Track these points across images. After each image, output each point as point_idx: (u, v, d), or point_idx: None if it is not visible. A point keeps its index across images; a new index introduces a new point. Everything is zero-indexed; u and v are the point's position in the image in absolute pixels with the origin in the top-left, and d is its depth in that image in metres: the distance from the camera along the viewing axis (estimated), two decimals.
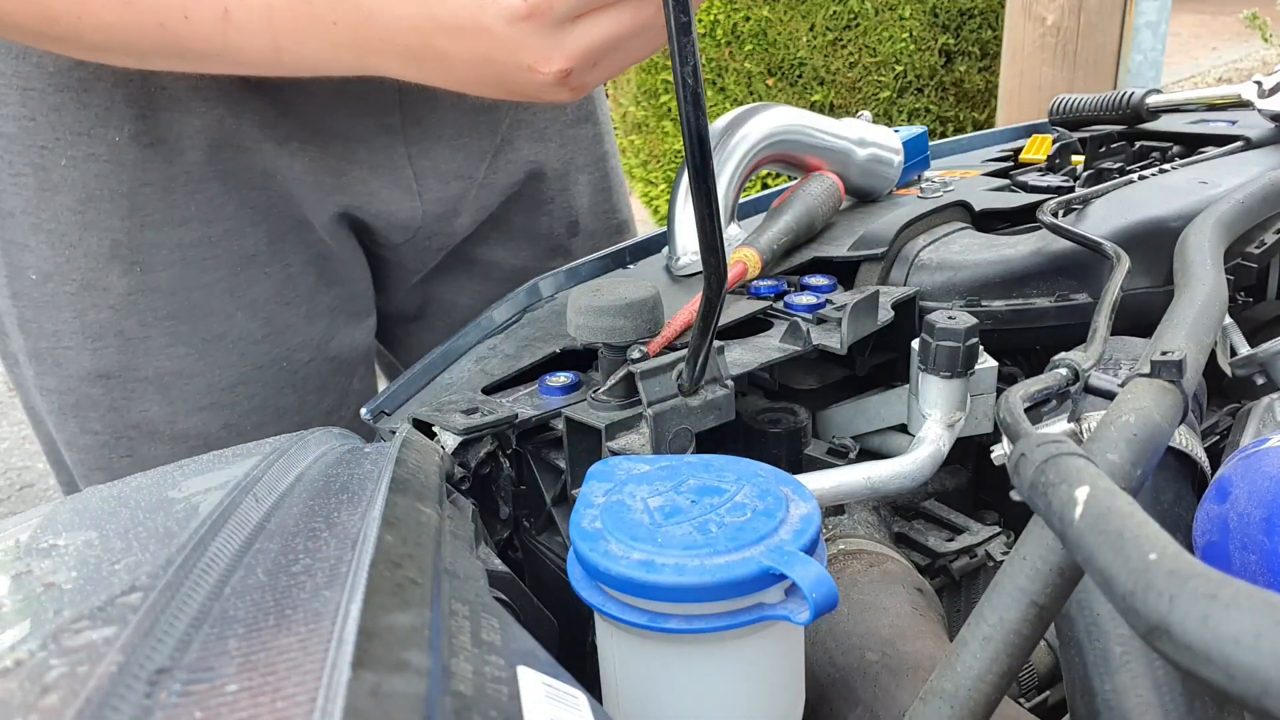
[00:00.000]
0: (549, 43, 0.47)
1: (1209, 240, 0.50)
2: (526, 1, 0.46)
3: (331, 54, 0.52)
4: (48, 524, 0.33)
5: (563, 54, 0.48)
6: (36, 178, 0.64)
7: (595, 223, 0.91)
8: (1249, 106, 0.81)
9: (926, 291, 0.60)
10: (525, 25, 0.47)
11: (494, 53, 0.48)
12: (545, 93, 0.51)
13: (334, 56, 0.52)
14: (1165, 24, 2.58)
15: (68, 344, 0.68)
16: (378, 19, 0.49)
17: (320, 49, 0.52)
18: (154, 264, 0.67)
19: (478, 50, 0.49)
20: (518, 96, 0.53)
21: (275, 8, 0.50)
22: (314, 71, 0.55)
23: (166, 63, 0.56)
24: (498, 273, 0.88)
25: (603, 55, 0.50)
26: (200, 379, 0.71)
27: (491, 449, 0.49)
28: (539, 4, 0.46)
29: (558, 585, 0.47)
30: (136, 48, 0.54)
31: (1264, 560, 0.32)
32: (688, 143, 0.37)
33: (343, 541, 0.29)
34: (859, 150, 0.74)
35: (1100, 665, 0.33)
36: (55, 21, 0.52)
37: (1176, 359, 0.34)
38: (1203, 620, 0.19)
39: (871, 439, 0.57)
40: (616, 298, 0.49)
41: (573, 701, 0.24)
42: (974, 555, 0.51)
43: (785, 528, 0.33)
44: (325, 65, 0.54)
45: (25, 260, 0.66)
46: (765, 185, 2.75)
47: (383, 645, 0.22)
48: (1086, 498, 0.24)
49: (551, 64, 0.48)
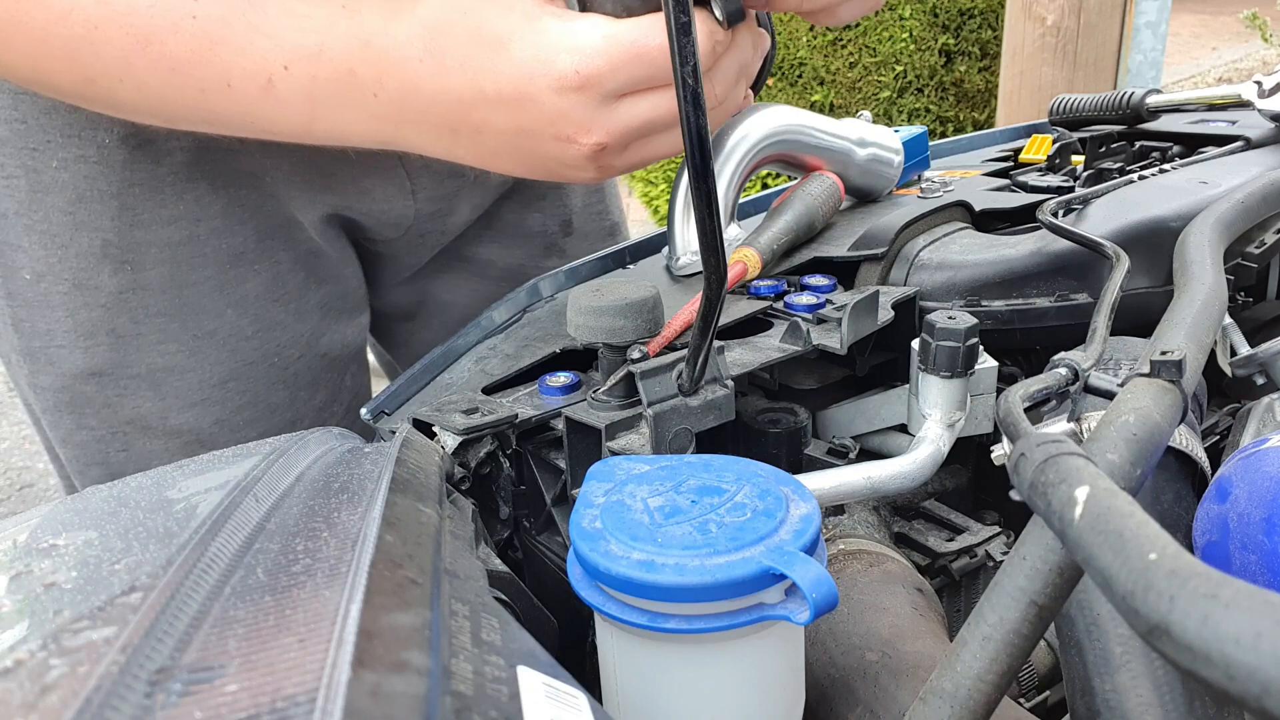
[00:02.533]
0: (592, 115, 0.48)
1: (1209, 240, 0.50)
2: (579, 73, 0.46)
3: (366, 126, 0.52)
4: (48, 524, 0.33)
5: (603, 128, 0.48)
6: (28, 179, 0.65)
7: (589, 223, 0.92)
8: (1249, 106, 0.81)
9: (926, 291, 0.60)
10: (574, 96, 0.47)
11: (534, 123, 0.49)
12: (574, 167, 0.51)
13: (368, 128, 0.53)
14: (1165, 24, 2.58)
15: (60, 343, 0.69)
16: (423, 91, 0.49)
17: (356, 121, 0.52)
18: (144, 262, 0.68)
19: (517, 121, 0.49)
20: (544, 172, 0.53)
21: (319, 79, 0.50)
22: (340, 142, 0.55)
23: (191, 125, 0.56)
24: (492, 271, 0.89)
25: (637, 137, 0.50)
26: (192, 375, 0.71)
27: (491, 449, 0.49)
28: (591, 76, 0.46)
29: (558, 585, 0.47)
30: (168, 111, 0.54)
31: (1264, 560, 0.32)
32: (688, 143, 0.37)
33: (343, 541, 0.29)
34: (859, 150, 0.74)
35: (1100, 665, 0.33)
36: (93, 82, 0.52)
37: (1176, 359, 0.34)
38: (1203, 620, 0.19)
39: (871, 439, 0.57)
40: (616, 298, 0.49)
41: (573, 701, 0.24)
42: (974, 555, 0.51)
43: (785, 528, 0.33)
44: (356, 136, 0.54)
45: (18, 261, 0.67)
46: (765, 185, 2.75)
47: (383, 645, 0.22)
48: (1086, 498, 0.24)
49: (590, 136, 0.48)
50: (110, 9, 0.49)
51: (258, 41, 0.50)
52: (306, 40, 0.50)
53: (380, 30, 0.50)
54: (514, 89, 0.48)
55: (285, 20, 0.50)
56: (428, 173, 0.76)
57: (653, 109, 0.49)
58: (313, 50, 0.50)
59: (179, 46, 0.50)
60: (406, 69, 0.49)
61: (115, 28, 0.50)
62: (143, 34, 0.50)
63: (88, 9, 0.49)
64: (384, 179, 0.74)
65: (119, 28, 0.50)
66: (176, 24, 0.50)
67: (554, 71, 0.46)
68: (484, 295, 0.89)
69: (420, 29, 0.49)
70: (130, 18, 0.49)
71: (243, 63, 0.50)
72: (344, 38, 0.50)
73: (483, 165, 0.54)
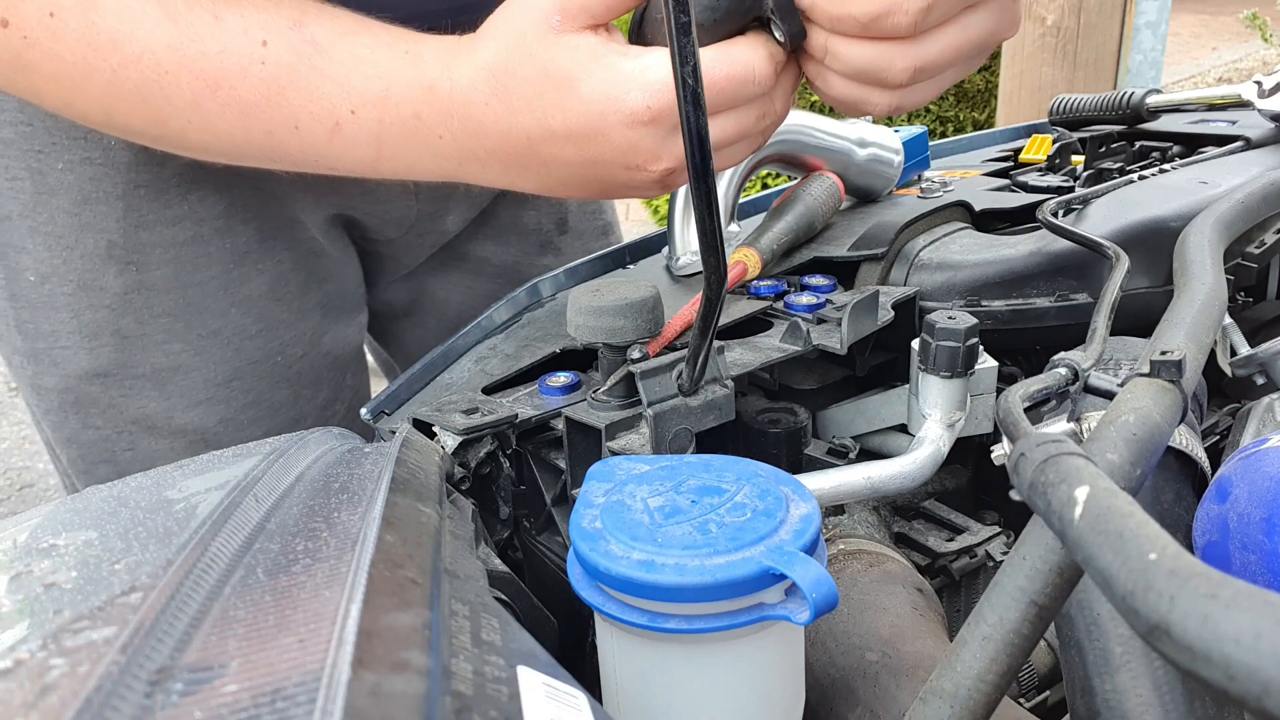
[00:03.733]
0: (661, 145, 0.48)
1: (1209, 240, 0.50)
2: (650, 108, 0.47)
3: (432, 164, 0.53)
4: (48, 524, 0.33)
5: (672, 155, 0.49)
6: (33, 181, 0.65)
7: (583, 222, 0.92)
8: (1249, 106, 0.81)
9: (926, 291, 0.60)
10: (644, 129, 0.48)
11: (605, 155, 0.49)
12: (642, 189, 0.52)
13: (433, 166, 0.53)
14: (1165, 24, 2.58)
15: (65, 344, 0.69)
16: (490, 133, 0.50)
17: (421, 160, 0.53)
18: (149, 263, 0.68)
19: (587, 154, 0.49)
20: (610, 195, 0.54)
21: (385, 123, 0.51)
22: (403, 178, 0.56)
23: (259, 164, 0.57)
24: (488, 268, 0.89)
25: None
26: (196, 374, 0.71)
27: (491, 449, 0.49)
28: (661, 111, 0.47)
29: (558, 585, 0.47)
30: (237, 151, 0.55)
31: (1264, 560, 0.32)
32: (688, 143, 0.37)
33: (343, 541, 0.28)
34: (859, 150, 0.74)
35: (1100, 665, 0.33)
36: (164, 124, 0.53)
37: (1176, 358, 0.34)
38: (1203, 620, 0.19)
39: (871, 439, 0.57)
40: (616, 298, 0.49)
41: (573, 701, 0.24)
42: (974, 555, 0.51)
43: (785, 528, 0.33)
44: (420, 172, 0.54)
45: (22, 262, 0.67)
46: (765, 185, 2.75)
47: (383, 645, 0.22)
48: (1086, 497, 0.24)
49: (660, 163, 0.49)
50: (181, 54, 0.50)
51: (325, 87, 0.51)
52: (372, 86, 0.51)
53: (443, 75, 0.50)
54: (584, 125, 0.48)
55: (351, 67, 0.51)
56: None
57: (719, 130, 0.50)
58: (379, 95, 0.51)
59: (248, 91, 0.51)
60: (472, 111, 0.50)
61: (185, 73, 0.50)
62: (212, 79, 0.50)
63: (158, 54, 0.50)
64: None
65: (189, 73, 0.50)
66: (246, 69, 0.50)
67: (625, 108, 0.47)
68: (479, 293, 0.90)
69: (485, 72, 0.49)
70: (200, 63, 0.50)
71: (310, 107, 0.51)
72: (409, 84, 0.50)
73: (548, 193, 0.55)
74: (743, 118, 0.50)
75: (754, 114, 0.50)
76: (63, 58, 0.50)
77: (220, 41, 0.50)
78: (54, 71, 0.51)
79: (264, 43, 0.50)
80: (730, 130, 0.50)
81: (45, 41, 0.50)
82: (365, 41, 0.51)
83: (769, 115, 0.51)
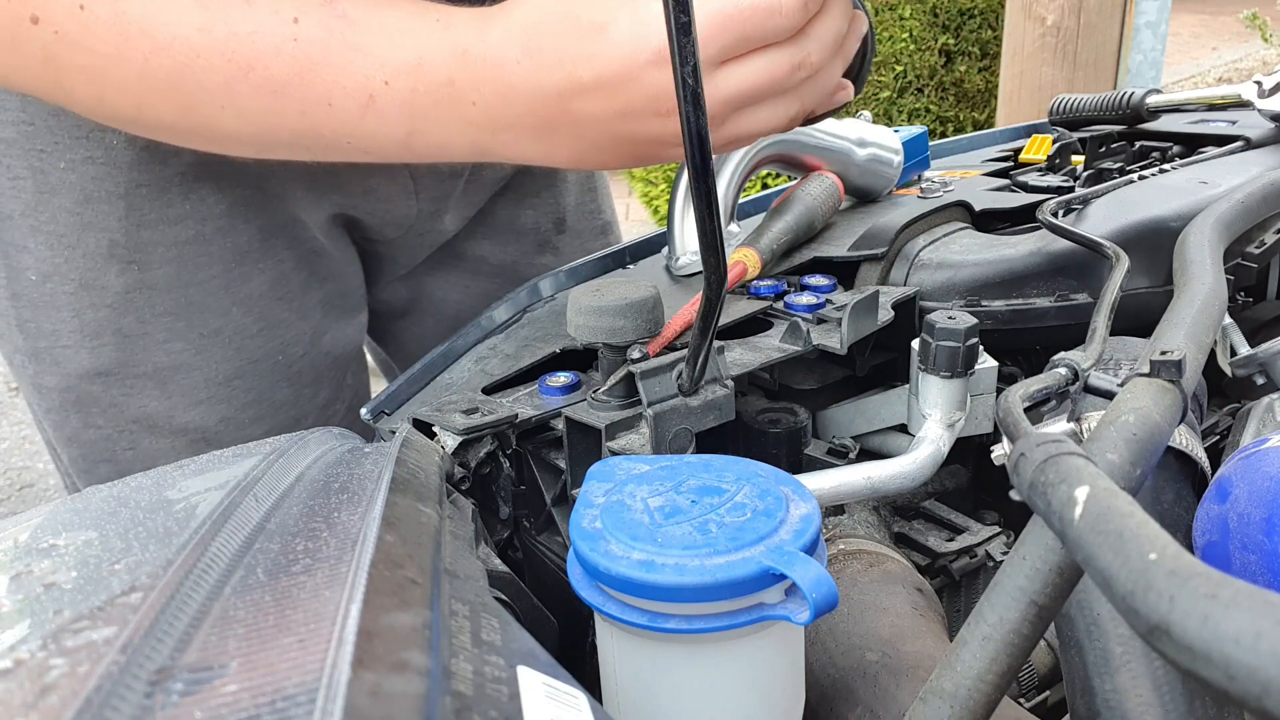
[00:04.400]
0: None
1: (1209, 240, 0.50)
2: None
3: (464, 135, 0.53)
4: (48, 524, 0.33)
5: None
6: (35, 181, 0.65)
7: (581, 221, 0.92)
8: (1249, 106, 0.81)
9: (926, 291, 0.60)
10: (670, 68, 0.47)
11: (635, 102, 0.48)
12: (674, 144, 0.50)
13: (466, 138, 0.53)
14: (1165, 24, 2.58)
15: (66, 343, 0.69)
16: (520, 92, 0.50)
17: (454, 131, 0.52)
18: (151, 262, 0.68)
19: (618, 104, 0.49)
20: (643, 156, 0.53)
21: (419, 91, 0.51)
22: (435, 157, 0.55)
23: (286, 151, 0.56)
24: (485, 268, 0.89)
25: (736, 108, 0.50)
26: (198, 373, 0.72)
27: (491, 449, 0.49)
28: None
29: (558, 585, 0.47)
30: (268, 137, 0.54)
31: (1264, 560, 0.32)
32: (688, 143, 0.37)
33: (343, 541, 0.28)
34: (859, 150, 0.74)
35: (1100, 665, 0.33)
36: (194, 111, 0.52)
37: (1176, 358, 0.34)
38: (1203, 620, 0.19)
39: (871, 439, 0.57)
40: (616, 298, 0.49)
41: (573, 701, 0.24)
42: (974, 555, 0.51)
43: (785, 528, 0.33)
44: (452, 148, 0.54)
45: (24, 261, 0.67)
46: (765, 185, 2.75)
47: (383, 645, 0.22)
48: (1086, 497, 0.24)
49: None
50: (212, 37, 0.50)
51: (357, 60, 0.50)
52: (405, 55, 0.50)
53: (475, 38, 0.50)
54: (613, 71, 0.48)
55: (383, 37, 0.51)
56: (430, 172, 0.77)
57: (752, 75, 0.49)
58: (412, 63, 0.50)
59: (281, 69, 0.50)
60: (504, 72, 0.50)
61: (217, 55, 0.50)
62: (245, 59, 0.50)
63: (190, 38, 0.50)
64: (389, 178, 0.75)
65: (221, 55, 0.50)
66: (278, 47, 0.50)
67: (653, 45, 0.47)
68: (477, 292, 0.90)
69: (517, 30, 0.49)
70: (232, 44, 0.50)
71: (344, 81, 0.51)
72: (441, 49, 0.50)
73: (580, 162, 0.54)
74: (774, 64, 0.49)
75: (786, 61, 0.49)
76: (94, 49, 0.50)
77: (251, 21, 0.50)
78: (85, 64, 0.51)
79: (295, 20, 0.50)
80: (762, 78, 0.49)
81: (75, 34, 0.50)
82: (395, 13, 0.51)
83: (804, 67, 0.50)
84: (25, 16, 0.49)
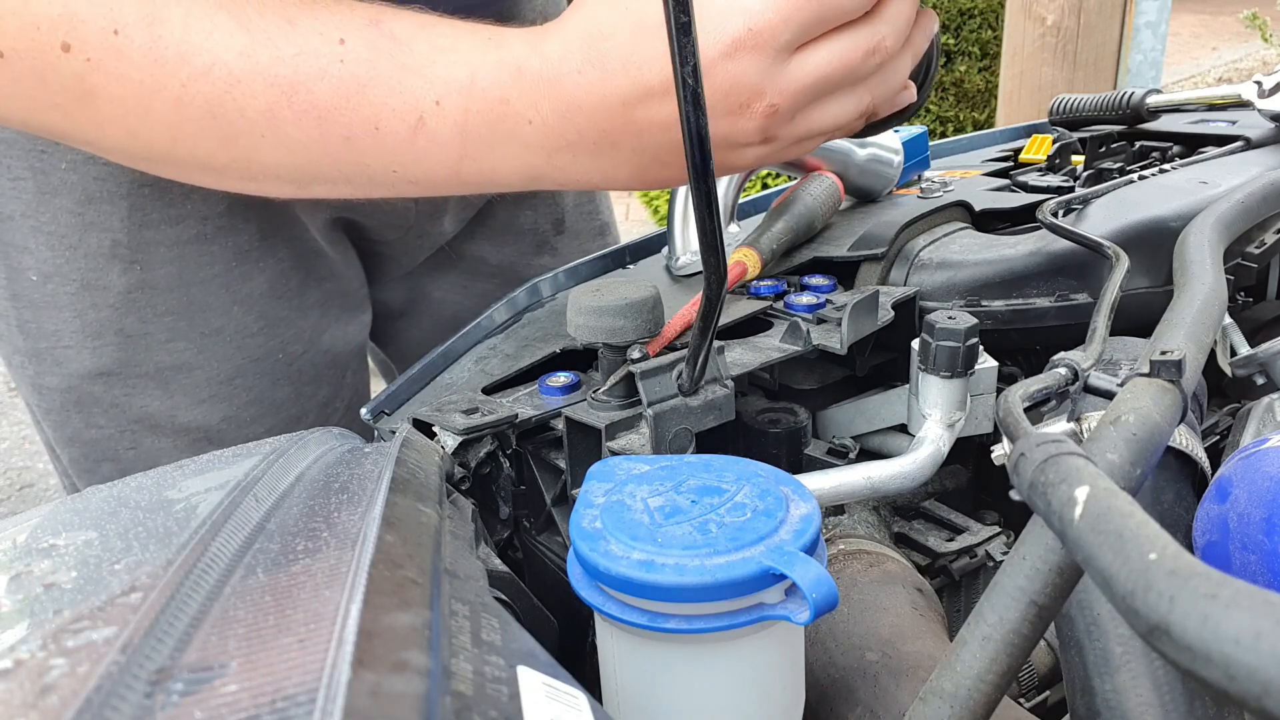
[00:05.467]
0: (764, 75, 0.45)
1: (1209, 240, 0.50)
2: (751, 29, 0.44)
3: (518, 159, 0.50)
4: (47, 524, 0.33)
5: (776, 88, 0.46)
6: (35, 181, 0.65)
7: (580, 222, 0.92)
8: (1249, 106, 0.81)
9: (926, 291, 0.60)
10: (747, 57, 0.45)
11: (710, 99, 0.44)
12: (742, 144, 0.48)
13: (519, 162, 0.50)
14: (1165, 24, 2.58)
15: (68, 343, 0.69)
16: (581, 104, 0.47)
17: (508, 153, 0.50)
18: (153, 261, 0.68)
19: None
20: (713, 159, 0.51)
21: (472, 111, 0.48)
22: (486, 186, 0.52)
23: (326, 186, 0.53)
24: (484, 268, 0.89)
25: (809, 100, 0.48)
26: (200, 373, 0.72)
27: (491, 449, 0.49)
28: (763, 31, 0.44)
29: (558, 585, 0.47)
30: (309, 169, 0.51)
31: (1264, 560, 0.32)
32: (688, 143, 0.37)
33: (343, 541, 0.28)
34: (859, 150, 0.74)
35: (1100, 665, 0.33)
36: (233, 142, 0.50)
37: (1176, 358, 0.34)
38: (1203, 620, 0.19)
39: (871, 439, 0.57)
40: (616, 298, 0.49)
41: (573, 701, 0.24)
42: (974, 555, 0.51)
43: (785, 528, 0.33)
44: (504, 174, 0.51)
45: (24, 262, 0.67)
46: (765, 185, 2.75)
47: (383, 645, 0.22)
48: (1086, 497, 0.24)
49: (764, 99, 0.46)
50: (254, 61, 0.47)
51: (407, 80, 0.48)
52: (457, 73, 0.48)
53: (530, 54, 0.48)
54: None
55: (434, 56, 0.48)
56: None
57: (825, 61, 0.47)
58: (464, 82, 0.48)
59: (326, 93, 0.48)
60: (563, 85, 0.47)
61: (260, 80, 0.47)
62: (288, 84, 0.48)
63: (230, 64, 0.47)
64: None
65: (264, 80, 0.47)
66: (324, 70, 0.48)
67: (725, 35, 0.44)
68: (476, 293, 0.90)
69: (577, 39, 0.47)
70: (275, 68, 0.47)
71: (392, 103, 0.48)
72: (495, 66, 0.48)
73: (640, 179, 0.51)
74: (850, 47, 0.47)
75: (863, 43, 0.47)
76: (128, 77, 0.47)
77: (295, 44, 0.47)
78: (119, 94, 0.48)
79: (341, 40, 0.48)
80: (835, 63, 0.47)
81: (110, 62, 0.47)
82: (445, 32, 0.49)
83: (878, 51, 0.48)
84: (56, 45, 0.46)
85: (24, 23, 0.46)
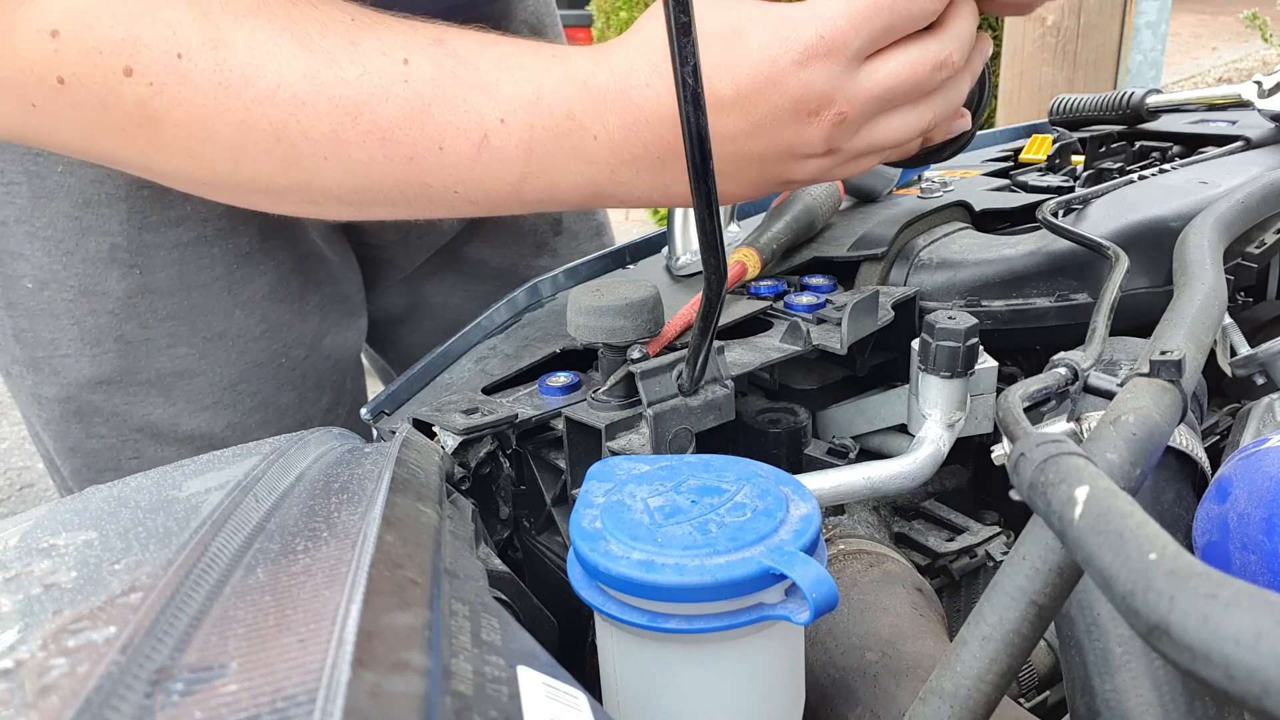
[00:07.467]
0: (835, 83, 0.45)
1: (1209, 240, 0.50)
2: (824, 37, 0.44)
3: (581, 175, 0.49)
4: (47, 524, 0.33)
5: (845, 96, 0.46)
6: (30, 185, 0.64)
7: (578, 222, 0.92)
8: (1249, 106, 0.81)
9: (926, 291, 0.60)
10: (819, 65, 0.45)
11: (773, 114, 0.46)
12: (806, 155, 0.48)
13: (582, 178, 0.50)
14: (1165, 24, 2.59)
15: (66, 351, 0.68)
16: (648, 117, 0.47)
17: (570, 170, 0.49)
18: (153, 265, 0.67)
19: (754, 118, 0.46)
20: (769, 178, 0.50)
21: (537, 127, 0.48)
22: (548, 203, 0.52)
23: (385, 208, 0.53)
24: (484, 270, 0.89)
25: (877, 110, 0.48)
26: (202, 378, 0.71)
27: (491, 449, 0.49)
28: (835, 38, 0.44)
29: (558, 585, 0.47)
30: (371, 190, 0.51)
31: (1264, 560, 0.32)
32: (688, 143, 0.37)
33: (343, 541, 0.29)
34: None
35: (1100, 665, 0.33)
36: (295, 165, 0.49)
37: (1175, 358, 0.34)
38: (1203, 620, 0.19)
39: (871, 439, 0.57)
40: (616, 298, 0.49)
41: (573, 701, 0.24)
42: (974, 555, 0.51)
43: (785, 528, 0.33)
44: (564, 192, 0.51)
45: (19, 269, 0.66)
46: None
47: (383, 645, 0.22)
48: (1086, 497, 0.24)
49: (833, 106, 0.46)
50: (318, 82, 0.47)
51: (472, 98, 0.48)
52: (522, 90, 0.48)
53: (595, 69, 0.48)
54: (754, 78, 0.45)
55: (499, 73, 0.48)
56: None
57: (895, 71, 0.46)
58: (529, 98, 0.48)
59: (390, 113, 0.48)
60: (631, 99, 0.47)
61: (324, 101, 0.47)
62: (353, 104, 0.47)
63: (294, 85, 0.47)
64: None
65: (328, 101, 0.47)
66: (388, 90, 0.47)
67: (798, 44, 0.44)
68: (476, 295, 0.90)
69: (644, 52, 0.47)
70: (340, 89, 0.47)
71: (457, 121, 0.48)
72: (560, 82, 0.48)
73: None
74: (919, 58, 0.47)
75: (931, 56, 0.47)
76: (192, 101, 0.47)
77: (359, 65, 0.47)
78: (182, 119, 0.47)
79: (405, 60, 0.48)
80: (905, 74, 0.46)
81: (173, 86, 0.47)
82: (509, 50, 0.49)
83: (945, 66, 0.48)
84: (118, 70, 0.46)
85: (85, 48, 0.46)
